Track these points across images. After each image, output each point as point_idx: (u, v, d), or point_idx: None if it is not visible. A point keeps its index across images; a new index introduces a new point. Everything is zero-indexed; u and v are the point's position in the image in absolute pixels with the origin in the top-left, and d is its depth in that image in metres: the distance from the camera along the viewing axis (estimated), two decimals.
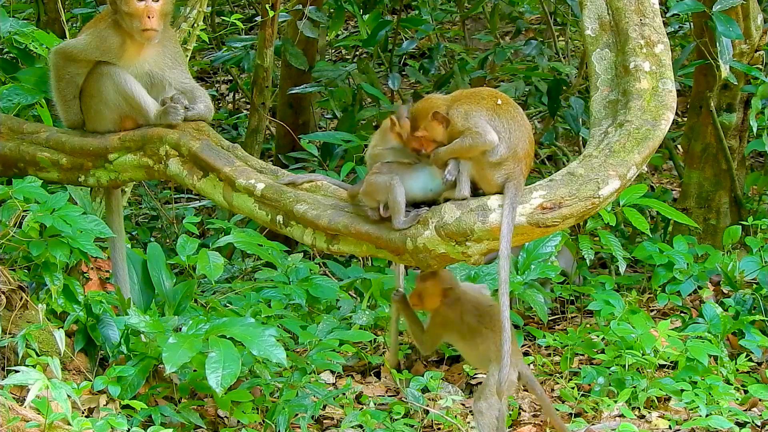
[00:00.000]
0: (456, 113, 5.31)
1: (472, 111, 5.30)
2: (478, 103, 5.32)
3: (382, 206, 5.36)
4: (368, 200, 5.41)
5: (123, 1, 5.97)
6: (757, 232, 8.20)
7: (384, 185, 5.35)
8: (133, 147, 6.10)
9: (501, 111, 5.29)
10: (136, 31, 6.00)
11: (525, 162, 5.27)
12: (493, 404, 5.58)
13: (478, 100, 5.33)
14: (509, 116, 5.29)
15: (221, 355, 5.60)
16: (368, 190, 5.40)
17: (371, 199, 5.40)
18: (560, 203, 5.16)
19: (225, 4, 11.99)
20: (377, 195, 5.37)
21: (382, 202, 5.36)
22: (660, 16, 5.72)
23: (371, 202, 5.40)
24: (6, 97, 6.60)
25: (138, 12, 5.96)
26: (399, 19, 10.44)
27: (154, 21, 5.98)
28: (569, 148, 10.32)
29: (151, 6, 5.96)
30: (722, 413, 6.34)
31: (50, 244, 5.82)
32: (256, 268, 8.11)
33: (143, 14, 5.96)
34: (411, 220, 5.31)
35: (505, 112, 5.30)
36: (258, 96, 8.96)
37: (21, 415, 5.16)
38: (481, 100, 5.32)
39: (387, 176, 5.36)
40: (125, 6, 5.98)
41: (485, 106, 5.30)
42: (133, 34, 6.02)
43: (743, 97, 8.37)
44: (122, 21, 6.02)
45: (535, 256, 7.36)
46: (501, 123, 5.27)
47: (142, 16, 5.97)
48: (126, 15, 5.98)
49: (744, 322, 7.22)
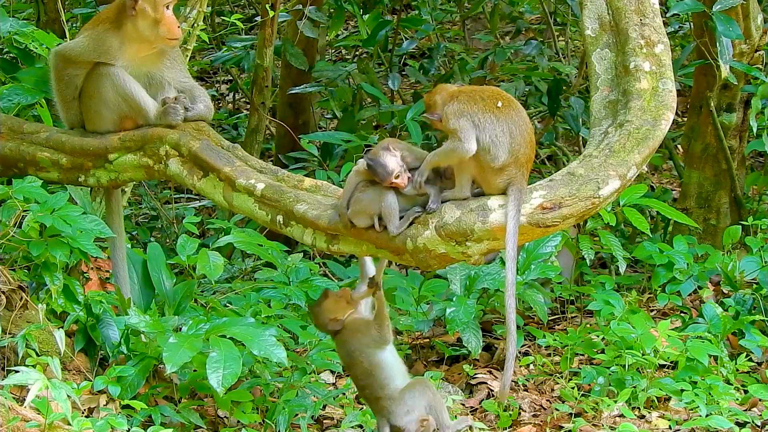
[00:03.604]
0: (450, 109, 5.25)
1: (465, 111, 5.23)
2: (475, 103, 5.23)
3: (376, 219, 5.34)
4: (361, 219, 5.37)
5: (153, 9, 5.96)
6: (757, 232, 8.20)
7: (373, 197, 5.32)
8: (133, 147, 6.10)
9: (501, 114, 5.20)
10: (159, 38, 6.01)
11: (526, 166, 5.24)
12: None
13: (476, 99, 5.23)
14: (510, 120, 5.20)
15: (222, 354, 5.60)
16: (358, 209, 5.36)
17: (364, 216, 5.36)
18: (560, 203, 5.16)
19: (225, 4, 11.99)
20: (369, 210, 5.34)
21: (375, 215, 5.33)
22: (660, 16, 5.72)
23: (365, 220, 5.36)
24: (6, 97, 6.60)
25: (169, 21, 5.99)
26: (399, 19, 10.44)
27: (180, 30, 6.05)
28: (569, 148, 10.32)
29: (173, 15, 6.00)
30: (722, 413, 6.34)
31: (50, 244, 5.82)
32: (256, 268, 8.11)
33: (174, 24, 6.00)
34: (405, 222, 5.29)
35: (506, 116, 5.20)
36: (258, 96, 8.96)
37: (21, 415, 5.16)
38: (480, 101, 5.22)
39: (370, 192, 5.35)
40: (155, 13, 5.96)
41: (481, 108, 5.20)
42: (151, 40, 6.03)
43: (743, 97, 8.37)
44: (140, 27, 6.00)
45: (535, 256, 7.36)
46: (500, 126, 5.18)
47: (173, 25, 6.00)
48: (153, 22, 5.97)
49: (744, 322, 7.22)
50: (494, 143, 5.18)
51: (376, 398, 5.73)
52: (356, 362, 5.74)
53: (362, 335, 5.73)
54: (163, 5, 5.97)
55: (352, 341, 5.74)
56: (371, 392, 5.74)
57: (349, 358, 5.78)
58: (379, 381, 5.70)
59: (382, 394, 5.71)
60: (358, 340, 5.73)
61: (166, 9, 5.98)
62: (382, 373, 5.71)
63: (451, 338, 7.26)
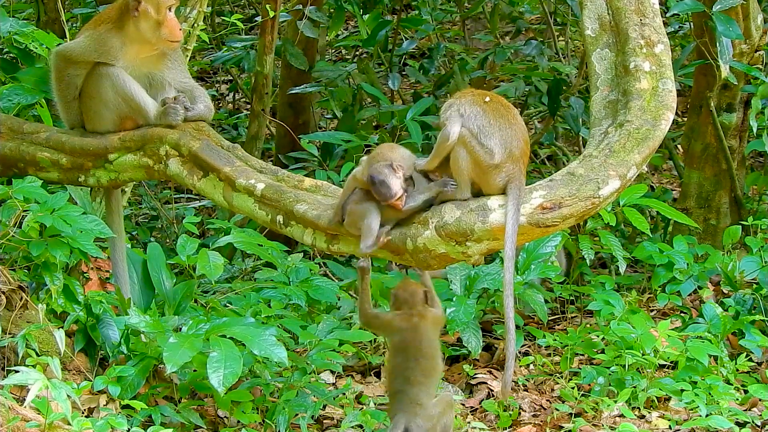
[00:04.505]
0: (444, 108, 5.33)
1: (453, 103, 5.29)
2: (463, 97, 5.30)
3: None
4: (354, 230, 5.41)
5: (156, 10, 5.97)
6: (757, 232, 8.20)
7: (361, 212, 5.35)
8: (133, 147, 6.10)
9: (489, 107, 5.25)
10: (160, 40, 6.02)
11: (522, 161, 5.25)
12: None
13: (465, 95, 5.32)
14: (499, 114, 5.25)
15: (222, 354, 5.60)
16: (352, 220, 5.40)
17: (356, 228, 5.40)
18: (560, 203, 5.16)
19: (225, 4, 11.99)
20: (359, 223, 5.38)
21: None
22: (660, 16, 5.72)
23: (358, 230, 5.40)
24: (6, 97, 6.60)
25: (171, 23, 5.99)
26: (399, 19, 10.44)
27: (181, 32, 6.04)
28: (569, 148, 10.32)
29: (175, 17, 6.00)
30: (722, 413, 6.35)
31: (50, 244, 5.82)
32: (256, 268, 8.11)
33: (176, 26, 6.00)
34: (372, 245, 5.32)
35: (494, 110, 5.25)
36: (258, 102, 8.97)
37: (21, 415, 5.16)
38: (469, 96, 5.31)
39: (365, 204, 5.36)
40: (158, 15, 5.97)
41: (469, 101, 5.26)
42: (152, 41, 6.03)
43: (743, 97, 8.38)
44: (141, 28, 6.00)
45: (535, 256, 7.36)
46: (488, 118, 5.22)
47: (174, 27, 6.00)
48: (155, 23, 5.98)
49: (744, 322, 7.22)
50: (484, 134, 5.20)
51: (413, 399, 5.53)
52: (427, 356, 5.59)
53: (437, 330, 5.70)
54: (165, 7, 5.97)
55: (432, 333, 5.65)
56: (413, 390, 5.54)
57: (423, 350, 5.59)
58: (431, 381, 5.58)
59: (423, 396, 5.54)
60: (435, 334, 5.67)
61: (169, 11, 5.99)
62: (437, 376, 5.66)
63: (451, 338, 7.26)
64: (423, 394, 5.51)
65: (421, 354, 5.55)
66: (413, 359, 5.54)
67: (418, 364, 5.54)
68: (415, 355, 5.55)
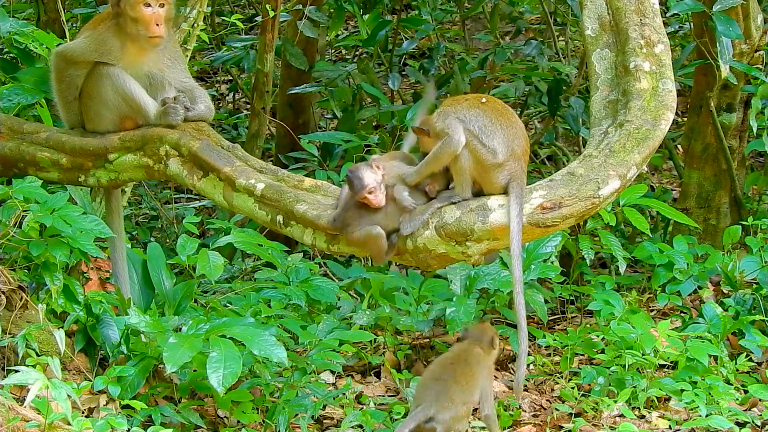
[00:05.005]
0: (435, 116, 5.33)
1: (449, 111, 5.29)
2: (458, 103, 5.31)
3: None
4: (361, 252, 5.54)
5: (130, 8, 5.96)
6: (757, 232, 8.20)
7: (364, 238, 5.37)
8: (133, 147, 6.10)
9: (487, 108, 5.26)
10: (142, 37, 6.00)
11: (523, 159, 5.26)
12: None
13: (459, 101, 5.34)
14: (498, 113, 5.27)
15: (222, 354, 5.60)
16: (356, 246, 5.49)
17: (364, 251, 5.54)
18: (560, 203, 5.16)
19: (225, 4, 11.99)
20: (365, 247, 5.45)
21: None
22: (660, 16, 5.72)
23: (365, 252, 5.53)
24: (6, 97, 6.60)
25: (146, 19, 5.96)
26: (399, 19, 10.44)
27: (161, 28, 5.99)
28: (569, 148, 10.31)
29: (158, 13, 5.96)
30: (722, 413, 6.35)
31: (50, 244, 5.83)
32: (256, 268, 8.11)
33: (151, 21, 5.97)
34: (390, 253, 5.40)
35: (493, 110, 5.27)
36: (258, 101, 8.97)
37: (21, 415, 5.16)
38: (463, 101, 5.32)
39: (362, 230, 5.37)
40: (132, 12, 5.96)
41: (465, 106, 5.28)
42: (138, 38, 6.02)
43: (743, 97, 8.38)
44: (127, 26, 6.00)
45: (535, 256, 7.36)
46: (488, 118, 5.23)
47: (150, 23, 5.97)
48: (132, 20, 5.98)
49: (744, 322, 7.22)
50: (486, 134, 5.21)
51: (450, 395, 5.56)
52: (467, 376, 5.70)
53: (487, 372, 5.82)
54: (140, 4, 5.95)
55: (479, 369, 5.74)
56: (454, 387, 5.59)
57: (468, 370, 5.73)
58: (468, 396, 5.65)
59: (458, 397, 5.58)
60: (482, 373, 5.77)
61: (146, 7, 5.96)
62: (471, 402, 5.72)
63: (451, 338, 7.25)
64: (458, 396, 5.57)
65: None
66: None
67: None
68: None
